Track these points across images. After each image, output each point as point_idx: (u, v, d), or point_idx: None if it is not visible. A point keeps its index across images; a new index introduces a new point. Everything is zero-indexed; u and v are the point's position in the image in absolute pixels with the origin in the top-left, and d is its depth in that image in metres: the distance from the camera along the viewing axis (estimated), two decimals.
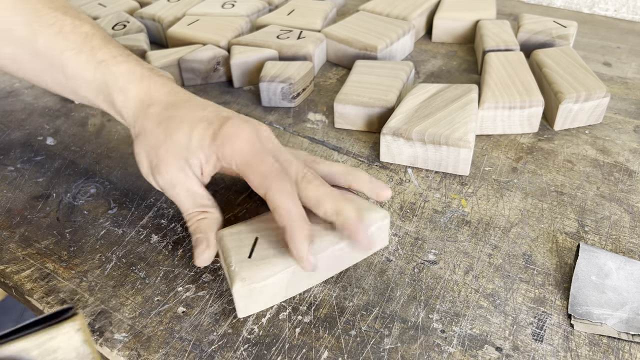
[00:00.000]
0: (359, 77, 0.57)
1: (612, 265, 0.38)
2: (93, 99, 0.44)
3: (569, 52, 0.60)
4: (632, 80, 0.63)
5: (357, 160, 0.51)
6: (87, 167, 0.51)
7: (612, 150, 0.52)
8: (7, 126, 0.58)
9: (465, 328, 0.36)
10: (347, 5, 0.85)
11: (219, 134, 0.38)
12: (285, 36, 0.66)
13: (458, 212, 0.45)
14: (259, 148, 0.38)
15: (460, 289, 0.38)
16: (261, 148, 0.38)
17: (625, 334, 0.35)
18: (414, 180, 0.48)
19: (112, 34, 0.68)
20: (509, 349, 0.35)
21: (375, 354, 0.34)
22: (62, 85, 0.44)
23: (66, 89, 0.45)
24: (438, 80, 0.64)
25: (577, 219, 0.44)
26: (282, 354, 0.34)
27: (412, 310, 0.37)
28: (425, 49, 0.72)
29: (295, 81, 0.58)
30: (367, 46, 0.64)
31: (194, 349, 0.35)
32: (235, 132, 0.38)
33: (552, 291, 0.38)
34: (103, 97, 0.43)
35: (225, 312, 0.37)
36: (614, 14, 0.83)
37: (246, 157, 0.37)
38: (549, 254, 0.41)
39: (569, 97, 0.52)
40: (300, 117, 0.58)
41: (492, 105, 0.52)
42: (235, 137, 0.38)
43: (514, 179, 0.48)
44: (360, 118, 0.55)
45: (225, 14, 0.73)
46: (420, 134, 0.48)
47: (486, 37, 0.64)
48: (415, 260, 0.41)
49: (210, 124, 0.39)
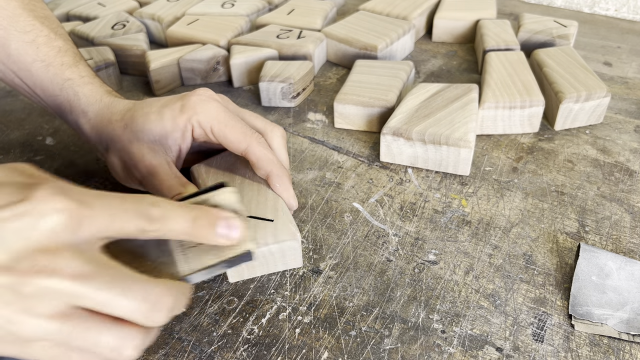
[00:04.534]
0: (359, 76, 0.57)
1: (612, 266, 0.38)
2: (55, 111, 0.46)
3: (570, 51, 0.60)
4: (632, 80, 0.63)
5: (357, 160, 0.51)
6: (87, 167, 0.51)
7: (613, 150, 0.52)
8: (6, 126, 0.58)
9: (465, 328, 0.36)
10: (347, 5, 0.85)
11: (187, 106, 0.40)
12: (285, 36, 0.66)
13: (458, 212, 0.45)
14: (229, 110, 0.41)
15: (461, 289, 0.38)
16: (230, 111, 0.41)
17: (626, 334, 0.35)
18: (414, 180, 0.48)
19: (111, 34, 0.68)
20: (510, 349, 0.34)
21: (376, 355, 0.34)
22: (28, 92, 0.46)
23: (32, 96, 0.46)
24: (438, 80, 0.64)
25: (577, 219, 0.44)
26: (282, 354, 0.34)
27: (412, 310, 0.37)
28: (425, 48, 0.72)
29: (295, 81, 0.58)
30: (367, 46, 0.63)
31: (194, 349, 0.35)
32: (201, 99, 0.40)
33: (552, 291, 0.38)
34: (65, 114, 0.45)
35: (225, 312, 0.37)
36: (614, 14, 0.83)
37: (222, 120, 0.40)
38: (549, 254, 0.41)
39: (569, 97, 0.52)
40: (300, 117, 0.58)
41: (492, 105, 0.52)
42: (204, 103, 0.40)
43: (515, 179, 0.48)
44: (360, 118, 0.55)
45: (225, 13, 0.73)
46: (421, 134, 0.47)
47: (486, 37, 0.64)
48: (416, 261, 0.41)
49: (174, 103, 0.41)
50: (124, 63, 0.66)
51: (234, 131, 0.39)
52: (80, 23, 0.73)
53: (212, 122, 0.39)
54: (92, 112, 0.44)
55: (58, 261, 0.24)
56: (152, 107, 0.41)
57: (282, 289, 0.39)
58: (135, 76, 0.67)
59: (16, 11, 0.44)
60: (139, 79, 0.66)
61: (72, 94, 0.44)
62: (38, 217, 0.24)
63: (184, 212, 0.29)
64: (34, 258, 0.24)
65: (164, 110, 0.40)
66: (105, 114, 0.43)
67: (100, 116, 0.43)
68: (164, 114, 0.40)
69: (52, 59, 0.44)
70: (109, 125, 0.43)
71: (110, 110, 0.43)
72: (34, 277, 0.24)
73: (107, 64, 0.61)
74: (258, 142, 0.40)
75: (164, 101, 0.41)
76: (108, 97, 0.44)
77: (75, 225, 0.25)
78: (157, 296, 0.26)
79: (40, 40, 0.44)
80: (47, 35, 0.45)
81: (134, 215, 0.27)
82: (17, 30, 0.44)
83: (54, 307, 0.24)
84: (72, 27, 0.71)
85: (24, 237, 0.24)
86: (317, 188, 0.48)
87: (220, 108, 0.40)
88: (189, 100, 0.40)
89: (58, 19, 0.76)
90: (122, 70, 0.66)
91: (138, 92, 0.63)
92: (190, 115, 0.40)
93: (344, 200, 0.46)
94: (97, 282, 0.25)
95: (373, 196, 0.47)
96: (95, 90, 0.44)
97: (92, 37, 0.67)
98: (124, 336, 0.26)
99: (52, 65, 0.44)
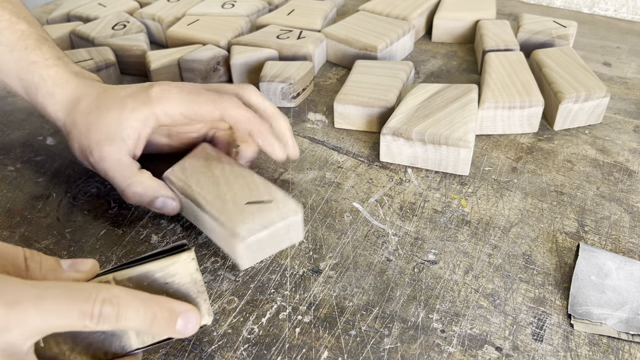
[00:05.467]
0: (359, 77, 0.57)
1: (612, 265, 0.38)
2: (23, 96, 0.46)
3: (569, 52, 0.60)
4: (631, 80, 0.63)
5: (357, 160, 0.51)
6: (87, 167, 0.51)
7: (612, 150, 0.52)
8: (7, 126, 0.58)
9: (465, 328, 0.36)
10: (347, 5, 0.85)
11: (151, 96, 0.40)
12: (285, 36, 0.66)
13: (458, 212, 0.45)
14: (192, 87, 0.41)
15: (460, 288, 0.38)
16: (194, 86, 0.41)
17: (625, 334, 0.35)
18: (414, 180, 0.48)
19: (112, 34, 0.68)
20: (509, 348, 0.35)
21: (375, 354, 0.34)
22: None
23: (2, 82, 0.46)
24: (438, 80, 0.64)
25: (577, 219, 0.44)
26: (282, 354, 0.34)
27: (412, 310, 0.37)
28: (425, 49, 0.72)
29: (295, 81, 0.58)
30: (367, 46, 0.64)
31: (194, 348, 0.35)
32: (165, 88, 0.41)
33: (552, 291, 0.38)
34: (31, 97, 0.45)
35: (225, 312, 0.37)
36: (613, 14, 0.83)
37: (188, 99, 0.40)
38: (548, 253, 0.41)
39: (568, 97, 0.52)
40: (300, 117, 0.58)
41: (492, 105, 0.52)
42: (168, 92, 0.40)
43: (514, 179, 0.48)
44: (360, 118, 0.55)
45: (225, 14, 0.73)
46: (420, 134, 0.48)
47: (486, 37, 0.65)
48: (415, 260, 0.41)
49: (137, 95, 0.41)
50: (124, 63, 0.66)
51: (202, 104, 0.40)
52: (80, 23, 0.74)
53: (179, 107, 0.40)
54: (58, 94, 0.44)
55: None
56: (117, 96, 0.42)
57: (282, 288, 0.39)
58: (135, 76, 0.67)
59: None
60: (139, 79, 0.66)
61: (38, 76, 0.44)
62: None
63: (142, 310, 0.28)
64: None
65: (126, 101, 0.41)
66: (71, 97, 0.43)
67: (66, 98, 0.44)
68: (126, 104, 0.41)
69: (15, 43, 0.44)
70: (73, 109, 0.43)
71: (77, 94, 0.43)
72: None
73: (107, 64, 0.61)
74: (232, 105, 0.40)
75: (129, 91, 0.42)
76: (75, 80, 0.44)
77: (2, 329, 0.24)
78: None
79: (2, 24, 0.44)
80: (9, 19, 0.45)
81: (80, 316, 0.26)
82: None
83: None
84: (73, 28, 0.71)
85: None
86: (317, 188, 0.48)
87: (183, 92, 0.41)
88: (152, 91, 0.41)
89: (58, 19, 0.77)
90: (122, 70, 0.66)
91: None
92: (154, 105, 0.40)
93: (344, 200, 0.46)
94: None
95: (373, 196, 0.47)
96: (61, 72, 0.44)
97: (93, 38, 0.67)
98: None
99: (16, 49, 0.44)
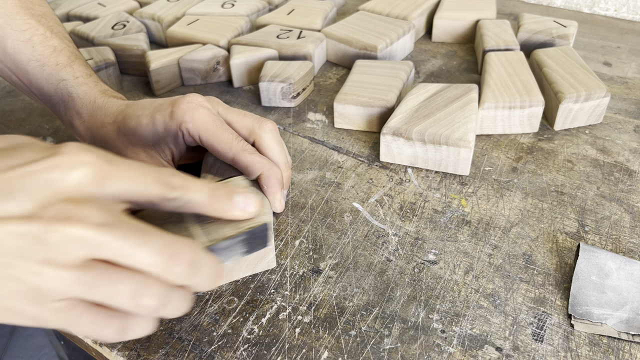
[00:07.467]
0: (359, 76, 0.57)
1: (612, 265, 0.38)
2: (52, 111, 0.47)
3: (569, 51, 0.60)
4: (632, 80, 0.63)
5: (357, 160, 0.51)
6: None
7: (612, 150, 0.52)
8: (6, 126, 0.58)
9: (465, 328, 0.36)
10: (347, 5, 0.85)
11: (177, 113, 0.40)
12: (285, 36, 0.66)
13: (458, 212, 0.45)
14: (217, 119, 0.40)
15: (460, 289, 0.38)
16: (218, 118, 0.41)
17: (626, 334, 0.35)
18: (414, 180, 0.48)
19: (111, 34, 0.68)
20: (509, 349, 0.34)
21: (375, 354, 0.34)
22: (26, 90, 0.47)
23: (29, 93, 0.47)
24: (438, 80, 0.64)
25: (577, 219, 0.44)
26: (282, 354, 0.34)
27: (412, 310, 0.37)
28: (425, 48, 0.72)
29: (295, 81, 0.58)
30: (367, 46, 0.64)
31: (194, 349, 0.35)
32: (190, 107, 0.40)
33: (552, 291, 0.38)
34: (59, 114, 0.45)
35: (225, 312, 0.37)
36: (614, 14, 0.83)
37: (210, 129, 0.40)
38: (549, 254, 0.41)
39: (569, 97, 0.52)
40: (300, 117, 0.58)
41: (492, 105, 0.52)
42: (193, 112, 0.40)
43: (514, 179, 0.48)
44: (360, 118, 0.55)
45: (225, 13, 0.73)
46: (420, 134, 0.47)
47: (486, 37, 0.64)
48: (415, 260, 0.41)
49: (165, 110, 0.40)
50: (124, 63, 0.66)
51: (221, 142, 0.40)
52: (80, 23, 0.73)
53: (200, 132, 0.40)
54: (85, 114, 0.44)
55: (83, 211, 0.25)
56: (144, 111, 0.41)
57: (282, 288, 0.39)
58: (135, 76, 0.67)
59: (13, 9, 0.44)
60: (139, 79, 0.66)
61: (67, 94, 0.44)
62: (67, 169, 0.25)
63: (203, 184, 0.31)
64: (61, 207, 0.25)
65: (155, 116, 0.40)
66: (98, 117, 0.43)
67: (93, 118, 0.43)
68: (155, 120, 0.40)
69: (47, 58, 0.44)
70: (102, 129, 0.43)
71: (103, 112, 0.43)
72: (60, 224, 0.24)
73: (107, 64, 0.61)
74: (244, 150, 0.40)
75: (156, 105, 0.41)
76: (102, 98, 0.44)
77: (101, 179, 0.26)
78: (176, 248, 0.27)
79: (36, 39, 0.44)
80: (43, 34, 0.45)
81: (155, 181, 0.28)
82: (13, 29, 0.44)
83: (75, 258, 0.25)
84: (73, 27, 0.71)
85: (52, 187, 0.25)
86: (317, 188, 0.48)
87: (208, 117, 0.40)
88: (179, 107, 0.40)
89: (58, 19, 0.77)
90: (122, 70, 0.66)
91: (138, 92, 0.63)
92: (179, 122, 0.40)
93: (344, 200, 0.46)
94: (119, 232, 0.25)
95: (373, 196, 0.47)
96: (89, 91, 0.44)
97: (93, 37, 0.67)
98: (142, 284, 0.26)
99: (47, 65, 0.44)
